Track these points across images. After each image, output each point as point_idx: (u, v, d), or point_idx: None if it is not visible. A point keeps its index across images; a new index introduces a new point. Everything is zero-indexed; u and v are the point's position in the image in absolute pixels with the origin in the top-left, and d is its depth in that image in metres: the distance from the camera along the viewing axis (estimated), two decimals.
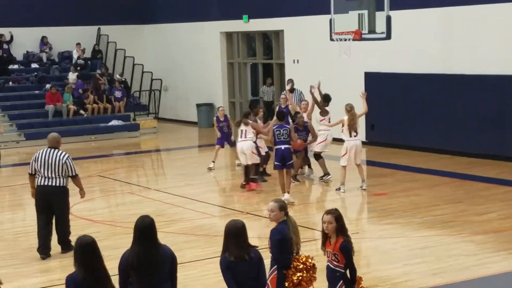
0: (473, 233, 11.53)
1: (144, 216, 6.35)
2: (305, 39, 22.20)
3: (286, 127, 13.95)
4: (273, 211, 7.04)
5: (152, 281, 6.21)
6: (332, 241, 6.77)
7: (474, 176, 15.79)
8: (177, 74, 27.77)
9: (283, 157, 13.81)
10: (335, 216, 6.76)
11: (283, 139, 13.79)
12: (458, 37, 18.21)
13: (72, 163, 10.93)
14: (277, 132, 13.85)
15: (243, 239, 6.47)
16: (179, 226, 12.65)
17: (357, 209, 14.03)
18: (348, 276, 6.74)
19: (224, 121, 17.54)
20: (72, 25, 27.70)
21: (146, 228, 6.25)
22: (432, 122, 18.73)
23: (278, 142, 13.83)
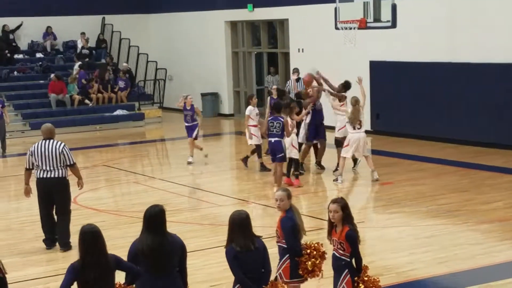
0: (478, 222, 11.50)
1: (154, 205, 6.37)
2: (310, 28, 22.13)
3: (280, 120, 13.76)
4: (282, 200, 7.05)
5: (162, 270, 6.21)
6: (338, 230, 6.75)
7: (480, 165, 15.75)
8: (182, 63, 27.73)
9: (272, 149, 13.74)
10: (341, 205, 6.74)
11: (275, 132, 13.68)
12: (464, 26, 18.12)
13: (69, 152, 10.76)
14: (271, 124, 13.73)
15: (248, 229, 6.45)
16: (184, 216, 12.65)
17: (362, 198, 14.00)
18: (353, 265, 6.73)
19: (189, 110, 17.12)
20: (77, 14, 27.66)
21: (156, 217, 6.27)
22: (437, 111, 18.68)
23: (270, 135, 13.74)
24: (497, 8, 17.33)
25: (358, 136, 14.54)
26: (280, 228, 7.03)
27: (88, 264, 5.82)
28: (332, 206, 6.76)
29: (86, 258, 5.83)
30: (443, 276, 9.19)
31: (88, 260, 5.82)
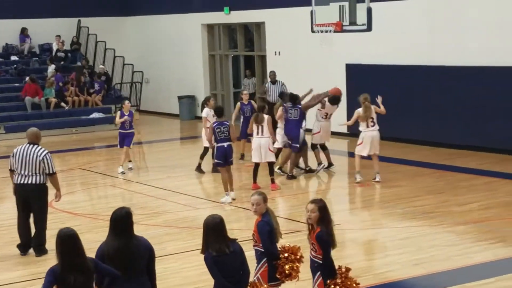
0: (454, 223, 11.60)
1: (121, 208, 6.31)
2: (287, 31, 22.19)
3: (226, 124, 13.67)
4: (258, 204, 7.03)
5: (128, 274, 6.16)
6: (313, 230, 6.77)
7: (455, 167, 15.88)
8: (159, 66, 27.67)
9: (225, 154, 13.64)
10: (318, 206, 6.74)
11: (224, 136, 13.59)
12: (440, 29, 18.27)
13: (51, 160, 10.55)
14: (218, 129, 13.53)
15: (222, 233, 6.44)
16: (161, 219, 12.62)
17: (339, 200, 14.06)
18: (328, 267, 6.73)
19: (128, 115, 16.63)
20: (52, 17, 27.50)
21: (122, 220, 6.21)
22: (413, 113, 18.80)
23: (220, 140, 13.57)
24: (474, 11, 17.49)
25: (371, 133, 14.59)
26: (256, 232, 7.03)
27: (67, 267, 5.80)
28: (310, 206, 6.78)
29: (64, 261, 5.81)
30: (420, 277, 9.25)
31: (67, 263, 5.80)
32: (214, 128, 13.58)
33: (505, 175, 14.87)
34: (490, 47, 17.15)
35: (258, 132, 14.23)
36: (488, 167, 15.72)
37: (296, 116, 15.23)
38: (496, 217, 11.86)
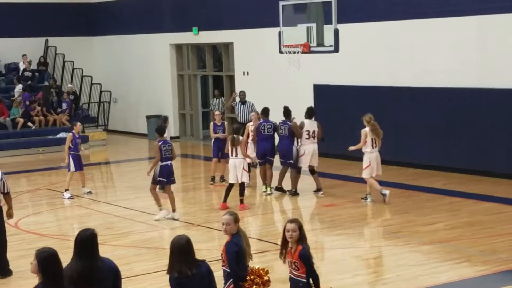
0: (420, 243, 11.72)
1: (85, 229, 6.26)
2: (255, 52, 22.33)
3: (170, 143, 13.90)
4: (228, 225, 7.04)
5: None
6: (292, 250, 6.82)
7: (421, 187, 16.05)
8: (127, 86, 27.64)
9: (168, 173, 13.80)
10: (298, 225, 6.82)
11: (168, 155, 13.76)
12: (404, 51, 18.54)
13: (5, 180, 10.47)
14: (163, 148, 13.74)
15: (188, 255, 6.37)
16: (129, 239, 12.57)
17: (307, 220, 14.11)
18: (311, 285, 6.78)
19: (79, 137, 16.48)
20: (19, 36, 27.35)
21: (87, 241, 6.15)
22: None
23: (164, 159, 13.75)
24: (436, 32, 17.77)
25: (376, 154, 14.67)
26: (224, 252, 7.06)
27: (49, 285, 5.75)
28: (290, 225, 6.82)
29: (47, 282, 5.75)
30: None
31: (50, 283, 5.74)
32: (160, 146, 13.71)
33: (469, 195, 15.06)
34: (453, 68, 17.43)
35: (233, 153, 14.30)
36: (453, 187, 15.91)
37: (287, 132, 15.42)
38: (461, 237, 12.00)
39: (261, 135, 15.74)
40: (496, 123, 16.66)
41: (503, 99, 16.50)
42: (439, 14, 17.62)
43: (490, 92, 16.72)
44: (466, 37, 17.22)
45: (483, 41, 16.97)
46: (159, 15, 26.07)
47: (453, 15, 17.34)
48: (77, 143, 16.27)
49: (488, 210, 13.75)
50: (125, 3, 27.46)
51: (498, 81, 16.60)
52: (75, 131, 16.37)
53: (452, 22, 17.41)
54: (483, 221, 12.96)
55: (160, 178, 13.83)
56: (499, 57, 16.65)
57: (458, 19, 17.28)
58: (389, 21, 18.77)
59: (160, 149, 13.69)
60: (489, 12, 16.70)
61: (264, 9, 21.24)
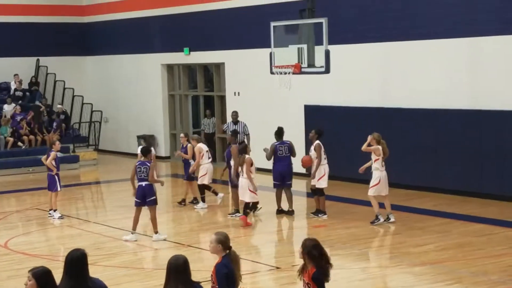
0: (411, 264, 11.71)
1: (75, 249, 6.24)
2: (246, 72, 22.39)
3: (147, 164, 13.87)
4: (211, 243, 7.08)
5: None
6: (307, 269, 6.84)
7: (412, 208, 16.06)
8: (118, 105, 27.64)
9: (143, 194, 13.80)
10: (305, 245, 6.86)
11: (143, 176, 13.79)
12: (395, 72, 18.64)
13: None
14: (138, 169, 13.84)
15: (184, 275, 6.34)
16: (119, 260, 12.52)
17: (296, 241, 14.09)
18: None
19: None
20: (10, 56, 27.36)
21: (77, 261, 6.13)
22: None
23: (139, 179, 13.83)
24: (428, 53, 17.88)
25: (385, 173, 14.69)
26: (214, 274, 7.04)
27: None
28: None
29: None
30: None
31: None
32: (136, 167, 13.79)
33: (459, 216, 15.08)
34: (444, 90, 17.52)
35: (241, 172, 14.72)
36: (443, 208, 15.94)
37: (287, 152, 15.50)
38: (451, 258, 12.00)
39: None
40: (486, 144, 16.73)
41: (493, 121, 16.58)
42: (431, 35, 17.73)
43: (480, 114, 16.80)
44: (457, 58, 17.33)
45: (474, 63, 17.08)
46: (150, 35, 26.13)
47: (444, 37, 17.46)
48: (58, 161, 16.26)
49: (479, 232, 13.77)
50: (117, 23, 27.53)
51: (488, 102, 16.70)
52: (55, 149, 16.30)
53: (443, 44, 17.52)
54: (474, 242, 12.98)
55: (136, 199, 13.89)
56: (490, 78, 16.75)
57: (449, 40, 17.40)
58: (380, 42, 18.88)
59: (135, 170, 13.81)
60: (480, 34, 16.82)
61: (255, 30, 21.34)
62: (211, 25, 23.57)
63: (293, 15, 17.85)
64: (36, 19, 27.98)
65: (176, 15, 24.82)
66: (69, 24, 28.68)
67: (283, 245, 13.92)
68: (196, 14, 24.04)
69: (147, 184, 13.82)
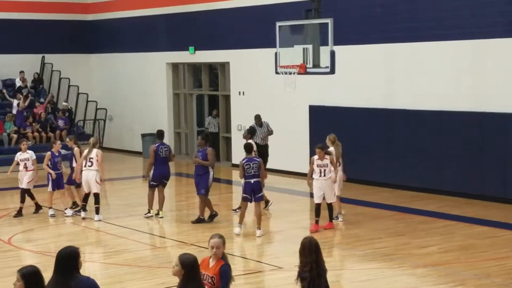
0: (414, 266, 11.70)
1: (66, 247, 6.19)
2: (251, 72, 22.39)
3: (256, 160, 13.77)
4: (218, 248, 7.00)
5: None
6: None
7: (415, 210, 16.04)
8: (123, 103, 27.66)
9: (252, 190, 13.72)
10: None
11: (254, 173, 13.70)
12: (400, 73, 18.62)
13: None
14: (247, 166, 13.75)
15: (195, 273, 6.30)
16: (121, 257, 12.53)
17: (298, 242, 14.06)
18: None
19: (58, 155, 16.31)
20: (16, 52, 27.41)
21: (64, 258, 6.08)
22: (374, 155, 19.02)
23: (248, 176, 13.77)
24: (433, 55, 17.86)
25: (341, 173, 14.74)
26: (218, 275, 6.94)
27: None
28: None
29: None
30: None
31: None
32: (244, 164, 13.76)
33: (462, 219, 15.07)
34: (447, 92, 17.51)
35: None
36: (447, 210, 15.92)
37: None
38: (454, 260, 11.99)
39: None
40: (489, 146, 16.71)
41: (496, 123, 16.57)
42: (435, 37, 17.72)
43: (484, 116, 16.79)
44: (461, 60, 17.31)
45: (478, 65, 17.06)
46: (156, 34, 26.15)
47: (449, 39, 17.45)
48: (56, 162, 16.20)
49: (482, 234, 13.75)
50: (122, 21, 27.56)
51: (492, 105, 16.68)
52: (54, 150, 16.32)
53: (448, 46, 17.50)
54: (477, 244, 12.96)
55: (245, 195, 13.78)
56: (494, 81, 16.74)
57: (453, 42, 17.38)
58: (386, 43, 18.86)
59: (244, 167, 13.71)
60: (485, 36, 16.80)
61: (260, 30, 21.34)
62: (217, 24, 23.58)
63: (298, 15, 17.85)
64: (42, 16, 28.04)
65: (182, 14, 24.84)
66: (75, 22, 28.73)
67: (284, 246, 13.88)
68: (201, 13, 24.05)
69: (256, 180, 13.71)
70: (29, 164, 16.24)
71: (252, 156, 14.01)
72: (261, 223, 13.90)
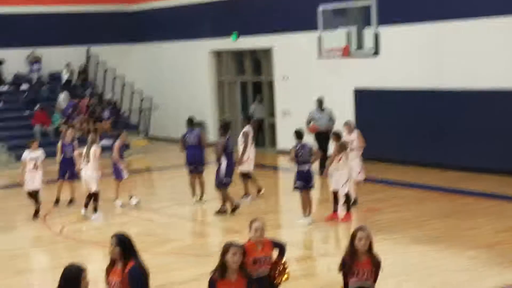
0: (464, 247, 11.55)
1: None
2: (294, 56, 22.27)
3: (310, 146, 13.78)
4: (262, 230, 7.18)
5: None
6: (362, 258, 6.92)
7: (463, 190, 15.83)
8: (167, 92, 27.80)
9: (308, 178, 13.64)
10: (369, 233, 6.93)
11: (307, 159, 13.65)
12: (448, 52, 18.30)
13: None
14: (300, 152, 13.59)
15: None
16: (169, 246, 12.62)
17: (347, 226, 14.00)
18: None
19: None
20: (61, 45, 27.73)
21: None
22: (421, 137, 18.79)
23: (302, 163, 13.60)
24: (481, 33, 17.52)
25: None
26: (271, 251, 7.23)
27: None
28: (363, 233, 6.86)
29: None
30: None
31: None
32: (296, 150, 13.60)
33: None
34: (498, 71, 17.16)
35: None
36: (496, 189, 15.65)
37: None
38: (505, 241, 11.79)
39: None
40: None
41: None
42: (485, 13, 17.32)
43: None
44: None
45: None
46: (198, 22, 26.17)
47: (500, 14, 17.03)
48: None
49: None
50: (165, 10, 27.65)
51: None
52: (121, 140, 16.49)
53: (498, 22, 17.10)
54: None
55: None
56: None
57: (504, 18, 16.97)
58: (432, 22, 18.54)
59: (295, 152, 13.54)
60: None
61: (303, 14, 21.18)
62: (259, 10, 23.49)
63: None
64: (86, 8, 28.30)
65: (224, 1, 24.80)
66: (119, 12, 28.93)
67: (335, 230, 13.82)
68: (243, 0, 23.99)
69: (309, 168, 13.53)
70: (39, 163, 15.20)
71: (304, 142, 13.82)
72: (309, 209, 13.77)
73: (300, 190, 13.59)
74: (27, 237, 14.18)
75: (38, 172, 15.09)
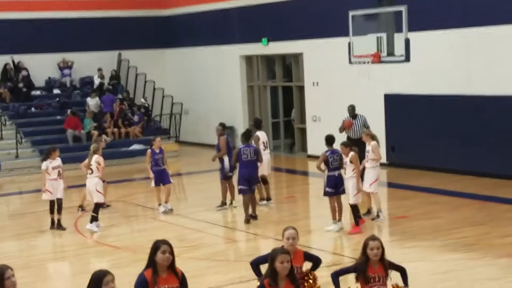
0: (496, 256, 11.44)
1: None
2: (325, 62, 22.23)
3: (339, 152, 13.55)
4: (294, 238, 7.23)
5: None
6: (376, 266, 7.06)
7: (497, 198, 15.67)
8: (198, 97, 27.91)
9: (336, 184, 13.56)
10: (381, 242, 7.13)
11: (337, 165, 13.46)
12: (478, 58, 18.16)
13: None
14: (331, 158, 13.50)
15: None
16: (201, 251, 12.65)
17: (378, 232, 13.95)
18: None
19: (159, 153, 16.28)
20: (93, 50, 27.98)
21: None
22: (452, 143, 18.65)
23: (333, 169, 13.55)
24: (511, 39, 17.35)
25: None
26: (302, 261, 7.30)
27: None
28: (375, 243, 6.98)
29: None
30: None
31: None
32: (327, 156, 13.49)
33: None
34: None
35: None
36: None
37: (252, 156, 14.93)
38: None
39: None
40: None
41: None
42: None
43: None
44: None
45: None
46: (229, 27, 26.26)
47: None
48: (157, 159, 16.18)
49: None
50: (196, 15, 27.78)
51: None
52: (154, 147, 16.35)
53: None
54: None
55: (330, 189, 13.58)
56: None
57: None
58: (462, 28, 18.42)
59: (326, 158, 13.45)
60: None
61: (333, 19, 21.17)
62: (289, 15, 23.51)
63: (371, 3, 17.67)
64: (118, 13, 28.53)
65: (255, 6, 24.86)
66: (150, 18, 29.14)
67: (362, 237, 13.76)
68: (274, 5, 24.02)
69: (339, 173, 13.54)
70: (61, 171, 14.96)
71: (334, 148, 13.74)
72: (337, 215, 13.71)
73: (330, 196, 13.56)
74: (57, 242, 14.31)
75: (61, 181, 14.94)
